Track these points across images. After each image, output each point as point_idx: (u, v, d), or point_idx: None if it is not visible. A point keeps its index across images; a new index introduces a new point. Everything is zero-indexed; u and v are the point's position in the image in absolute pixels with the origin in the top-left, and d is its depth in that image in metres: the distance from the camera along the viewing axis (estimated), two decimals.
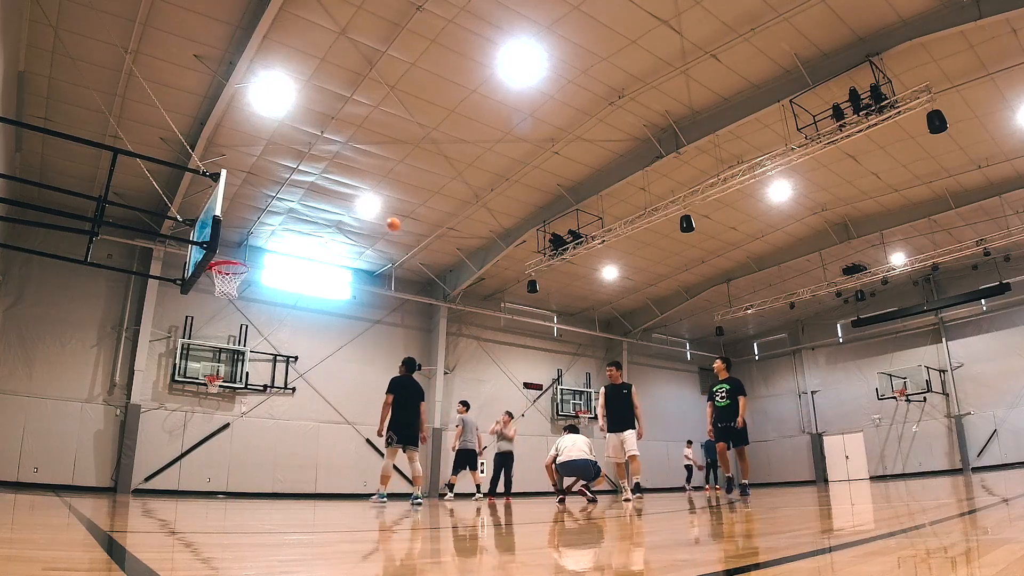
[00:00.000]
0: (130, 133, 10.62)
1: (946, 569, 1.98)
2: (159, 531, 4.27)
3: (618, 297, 20.76)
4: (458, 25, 9.43)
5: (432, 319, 18.57)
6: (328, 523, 5.45)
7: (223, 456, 14.35)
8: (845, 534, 3.49)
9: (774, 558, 2.38)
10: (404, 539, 4.00)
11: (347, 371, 16.67)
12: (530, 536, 4.09)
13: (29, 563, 2.20)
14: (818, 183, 14.58)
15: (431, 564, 2.65)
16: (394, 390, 8.84)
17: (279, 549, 3.26)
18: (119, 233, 13.12)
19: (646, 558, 2.71)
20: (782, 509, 6.20)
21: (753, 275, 18.99)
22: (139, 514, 6.10)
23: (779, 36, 10.03)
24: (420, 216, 14.81)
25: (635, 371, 22.67)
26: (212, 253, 6.71)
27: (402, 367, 9.31)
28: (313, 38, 9.46)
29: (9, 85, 8.81)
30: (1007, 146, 12.92)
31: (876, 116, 10.17)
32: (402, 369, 9.26)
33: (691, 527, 4.52)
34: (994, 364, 19.15)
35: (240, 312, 15.37)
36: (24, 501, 7.74)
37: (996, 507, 4.86)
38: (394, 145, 12.15)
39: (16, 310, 12.70)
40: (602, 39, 9.92)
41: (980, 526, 3.49)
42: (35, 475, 12.03)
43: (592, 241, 14.25)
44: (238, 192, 13.18)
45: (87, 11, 8.42)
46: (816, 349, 23.97)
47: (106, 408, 13.25)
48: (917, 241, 16.70)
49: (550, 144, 12.52)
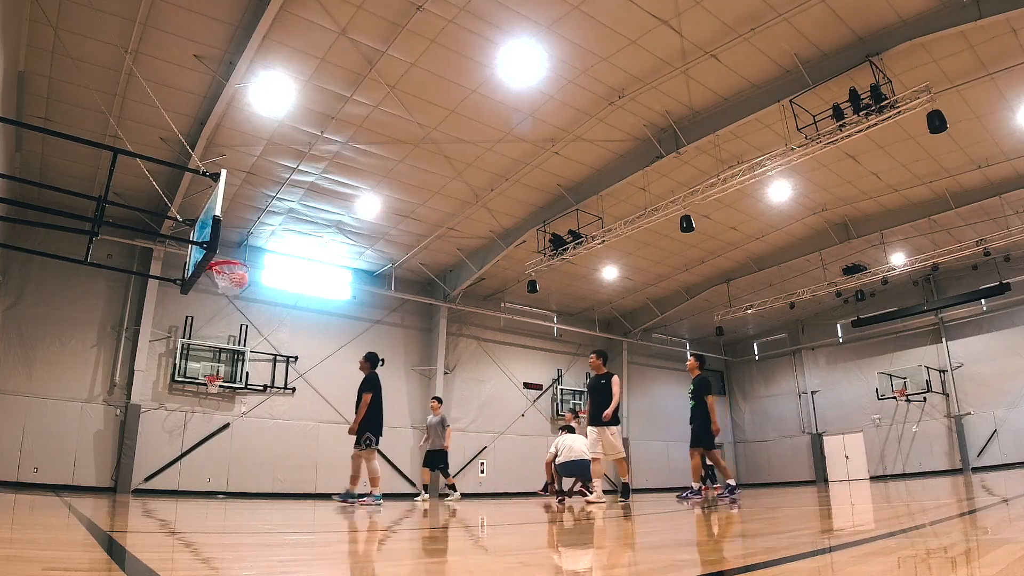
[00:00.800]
0: (130, 133, 10.61)
1: (946, 569, 1.98)
2: (159, 531, 4.27)
3: (618, 297, 20.76)
4: (458, 25, 9.43)
5: (432, 319, 18.57)
6: (328, 523, 5.45)
7: (223, 456, 14.35)
8: (845, 534, 3.49)
9: (774, 558, 2.38)
10: (405, 539, 4.00)
11: (347, 371, 16.60)
12: (530, 536, 4.09)
13: (29, 563, 2.20)
14: (818, 183, 14.58)
15: (432, 564, 2.65)
16: (376, 388, 8.78)
17: (279, 549, 3.26)
18: (119, 233, 13.13)
19: (646, 558, 2.71)
20: (782, 509, 6.20)
21: (753, 275, 18.99)
22: (139, 514, 6.10)
23: (779, 36, 10.03)
24: (420, 216, 14.81)
25: (635, 371, 22.69)
26: (212, 253, 6.71)
27: (372, 363, 9.14)
28: (313, 38, 9.45)
29: (9, 85, 8.81)
30: (1007, 146, 12.92)
31: (876, 116, 10.17)
32: (367, 366, 9.15)
33: (691, 527, 4.52)
34: (994, 364, 19.16)
35: (240, 312, 15.38)
36: (24, 501, 7.74)
37: (996, 507, 4.86)
38: (394, 145, 12.15)
39: (16, 310, 12.70)
40: (602, 39, 9.92)
41: (980, 526, 3.49)
42: (35, 475, 12.03)
43: (592, 241, 14.25)
44: (238, 192, 13.18)
45: (87, 11, 8.42)
46: (816, 349, 23.97)
47: (106, 408, 13.25)
48: (917, 241, 16.71)
49: (550, 144, 12.51)
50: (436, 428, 12.03)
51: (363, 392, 8.83)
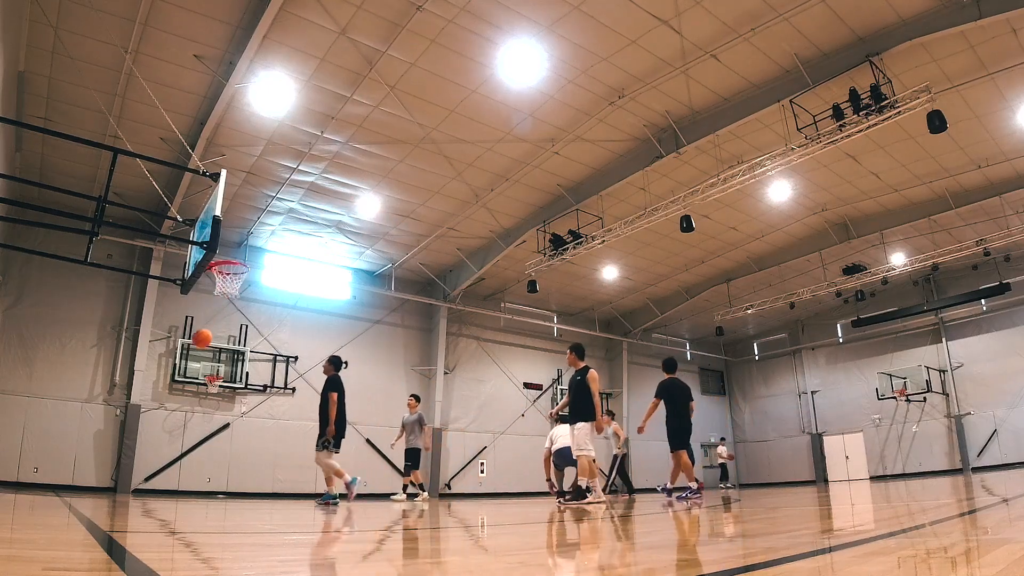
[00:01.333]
0: (130, 133, 10.61)
1: (946, 569, 1.98)
2: (159, 531, 4.27)
3: (618, 297, 20.76)
4: (458, 25, 9.43)
5: (432, 319, 18.57)
6: (328, 523, 5.45)
7: (223, 456, 14.35)
8: (845, 534, 3.49)
9: (774, 558, 2.38)
10: (405, 539, 4.00)
11: (347, 371, 16.61)
12: (529, 536, 4.09)
13: (29, 563, 2.20)
14: (818, 183, 14.58)
15: (432, 564, 2.65)
16: (341, 389, 8.77)
17: (279, 549, 3.26)
18: (119, 233, 13.13)
19: (646, 558, 2.71)
20: (782, 509, 6.20)
21: (753, 275, 18.99)
22: (139, 514, 6.10)
23: (779, 36, 10.03)
24: (420, 216, 14.81)
25: (635, 371, 22.69)
26: (212, 253, 6.71)
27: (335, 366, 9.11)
28: (313, 38, 9.45)
29: (9, 85, 8.81)
30: (1007, 146, 12.93)
31: (876, 116, 10.17)
32: (330, 368, 9.10)
33: (691, 527, 4.52)
34: (994, 364, 19.16)
35: (240, 312, 15.38)
36: (24, 501, 7.74)
37: (996, 507, 4.86)
38: (394, 145, 12.15)
39: (16, 310, 12.70)
40: (602, 39, 9.92)
41: (980, 526, 3.49)
42: (35, 475, 12.03)
43: (592, 241, 14.25)
44: (238, 192, 13.18)
45: (87, 11, 8.42)
46: (816, 349, 23.97)
47: (106, 408, 13.25)
48: (917, 241, 16.71)
49: (550, 144, 12.51)
50: (413, 426, 11.91)
51: (328, 392, 8.77)
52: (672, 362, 9.57)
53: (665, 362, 9.59)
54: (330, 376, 8.95)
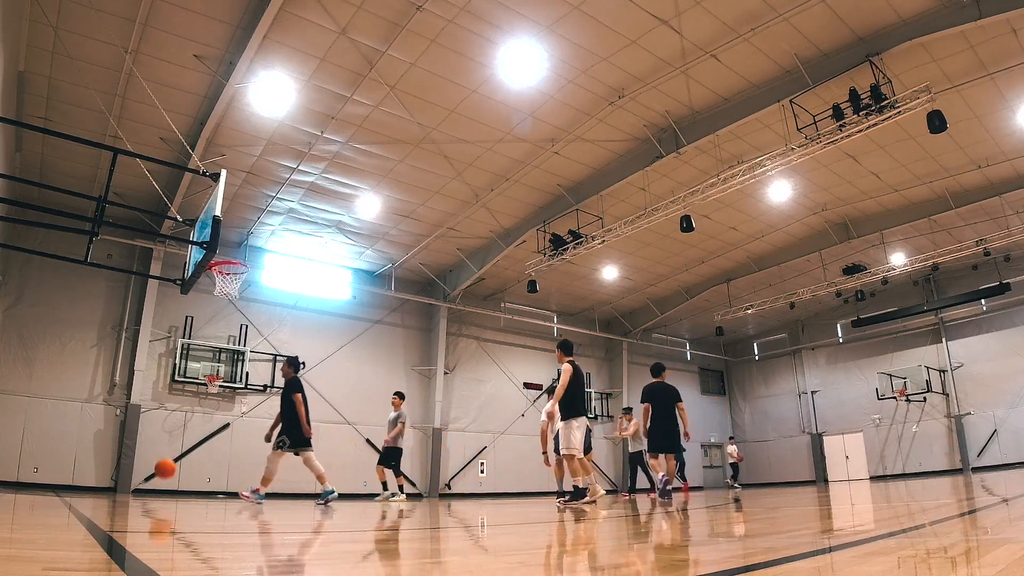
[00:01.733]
0: (130, 133, 10.61)
1: (946, 569, 1.98)
2: (159, 531, 4.27)
3: (618, 297, 20.76)
4: (458, 25, 9.43)
5: (432, 319, 18.57)
6: (328, 523, 5.45)
7: (223, 456, 14.34)
8: (845, 534, 3.49)
9: (774, 558, 2.38)
10: (405, 539, 4.00)
11: (347, 371, 16.67)
12: (529, 536, 4.09)
13: (29, 563, 2.20)
14: (818, 183, 14.58)
15: (432, 564, 2.65)
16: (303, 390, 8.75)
17: (279, 549, 3.26)
18: (119, 233, 13.13)
19: (646, 558, 2.71)
20: (782, 509, 6.20)
21: (753, 275, 18.99)
22: (139, 514, 6.10)
23: (779, 36, 10.03)
24: (420, 216, 14.81)
25: (635, 371, 22.67)
26: (212, 253, 6.70)
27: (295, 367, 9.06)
28: (313, 38, 9.45)
29: (9, 85, 8.80)
30: (1007, 146, 12.93)
31: (876, 116, 10.17)
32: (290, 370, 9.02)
33: (691, 527, 4.52)
34: (994, 364, 19.16)
35: (240, 312, 15.37)
36: (24, 501, 7.74)
37: (996, 507, 4.86)
38: (394, 145, 12.15)
39: (16, 310, 12.70)
40: (602, 39, 9.92)
41: (980, 526, 3.49)
42: (35, 475, 12.03)
43: (592, 241, 14.25)
44: (238, 192, 13.18)
45: (87, 11, 8.42)
46: (816, 349, 23.97)
47: (106, 408, 13.25)
48: (917, 241, 16.71)
49: (550, 144, 12.51)
50: (390, 425, 11.85)
51: (292, 393, 8.72)
52: (658, 366, 9.53)
53: (652, 367, 9.56)
54: (290, 378, 8.90)
